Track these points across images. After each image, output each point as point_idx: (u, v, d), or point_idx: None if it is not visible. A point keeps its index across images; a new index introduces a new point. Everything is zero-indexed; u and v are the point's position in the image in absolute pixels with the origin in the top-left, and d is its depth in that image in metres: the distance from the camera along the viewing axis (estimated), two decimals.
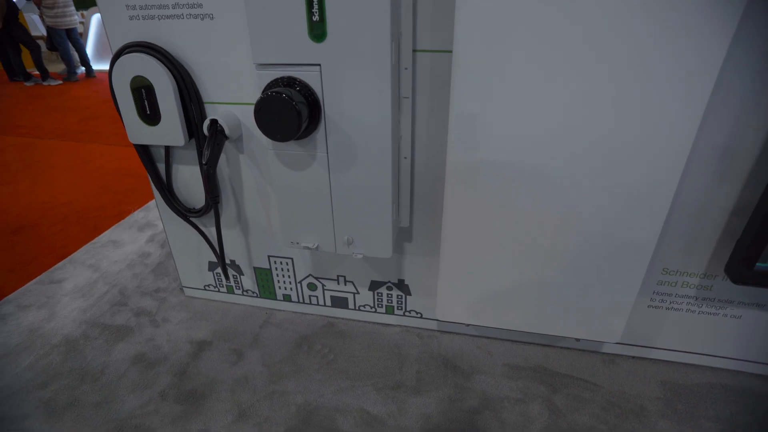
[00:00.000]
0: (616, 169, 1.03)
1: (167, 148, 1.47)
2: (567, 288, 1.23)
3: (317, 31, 0.98)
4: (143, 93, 1.30)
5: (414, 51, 1.13)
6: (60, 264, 2.11)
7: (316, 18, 0.96)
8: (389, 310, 1.65)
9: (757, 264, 1.13)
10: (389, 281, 1.58)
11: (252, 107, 1.30)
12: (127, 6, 1.25)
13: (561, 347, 1.56)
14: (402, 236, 1.45)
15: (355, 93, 1.02)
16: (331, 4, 0.94)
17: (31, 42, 5.99)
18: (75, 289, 1.93)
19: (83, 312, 1.78)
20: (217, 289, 1.80)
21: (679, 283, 1.34)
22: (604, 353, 1.53)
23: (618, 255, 1.15)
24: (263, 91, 1.03)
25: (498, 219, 1.16)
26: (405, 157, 1.25)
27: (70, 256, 2.17)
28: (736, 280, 1.17)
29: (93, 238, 2.32)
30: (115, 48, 1.31)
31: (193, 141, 1.39)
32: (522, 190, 1.11)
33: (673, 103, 0.93)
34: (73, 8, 5.97)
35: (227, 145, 1.41)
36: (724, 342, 1.42)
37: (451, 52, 1.00)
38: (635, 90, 0.93)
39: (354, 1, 0.93)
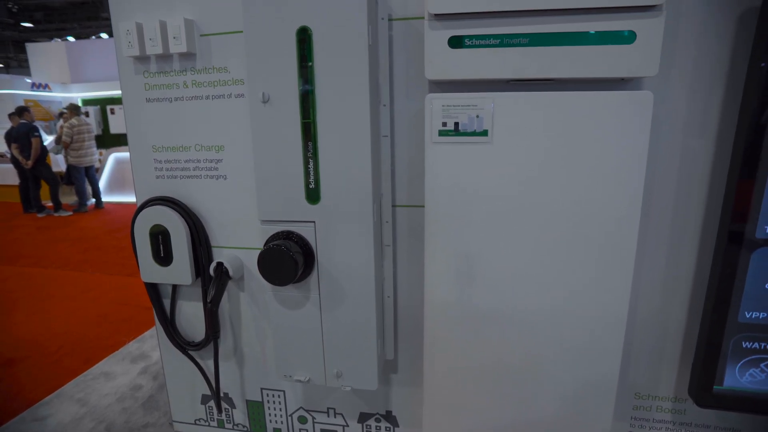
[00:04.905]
0: (573, 306, 1.18)
1: (174, 286, 1.62)
2: (545, 418, 1.29)
3: (312, 195, 1.21)
4: (159, 238, 1.49)
5: (393, 206, 1.36)
6: (46, 399, 2.09)
7: (312, 186, 1.20)
8: None
9: (715, 387, 1.22)
10: (377, 413, 1.61)
11: (253, 251, 1.50)
12: (156, 168, 1.51)
13: None
14: (388, 368, 1.53)
15: (343, 244, 1.21)
16: (325, 176, 1.19)
17: (52, 178, 6.52)
18: (58, 426, 1.89)
19: None
20: (207, 423, 1.79)
21: (653, 408, 1.40)
22: None
23: (586, 385, 1.24)
24: (265, 244, 1.23)
25: (474, 352, 1.27)
26: (388, 296, 1.40)
27: (57, 390, 2.16)
28: (699, 403, 1.24)
29: (85, 370, 2.33)
30: (141, 201, 1.54)
31: (198, 280, 1.55)
32: (492, 327, 1.24)
33: (612, 240, 1.13)
34: (95, 148, 6.63)
35: (229, 283, 1.56)
36: None
37: (423, 206, 1.22)
38: (585, 230, 1.13)
39: (343, 175, 1.17)
